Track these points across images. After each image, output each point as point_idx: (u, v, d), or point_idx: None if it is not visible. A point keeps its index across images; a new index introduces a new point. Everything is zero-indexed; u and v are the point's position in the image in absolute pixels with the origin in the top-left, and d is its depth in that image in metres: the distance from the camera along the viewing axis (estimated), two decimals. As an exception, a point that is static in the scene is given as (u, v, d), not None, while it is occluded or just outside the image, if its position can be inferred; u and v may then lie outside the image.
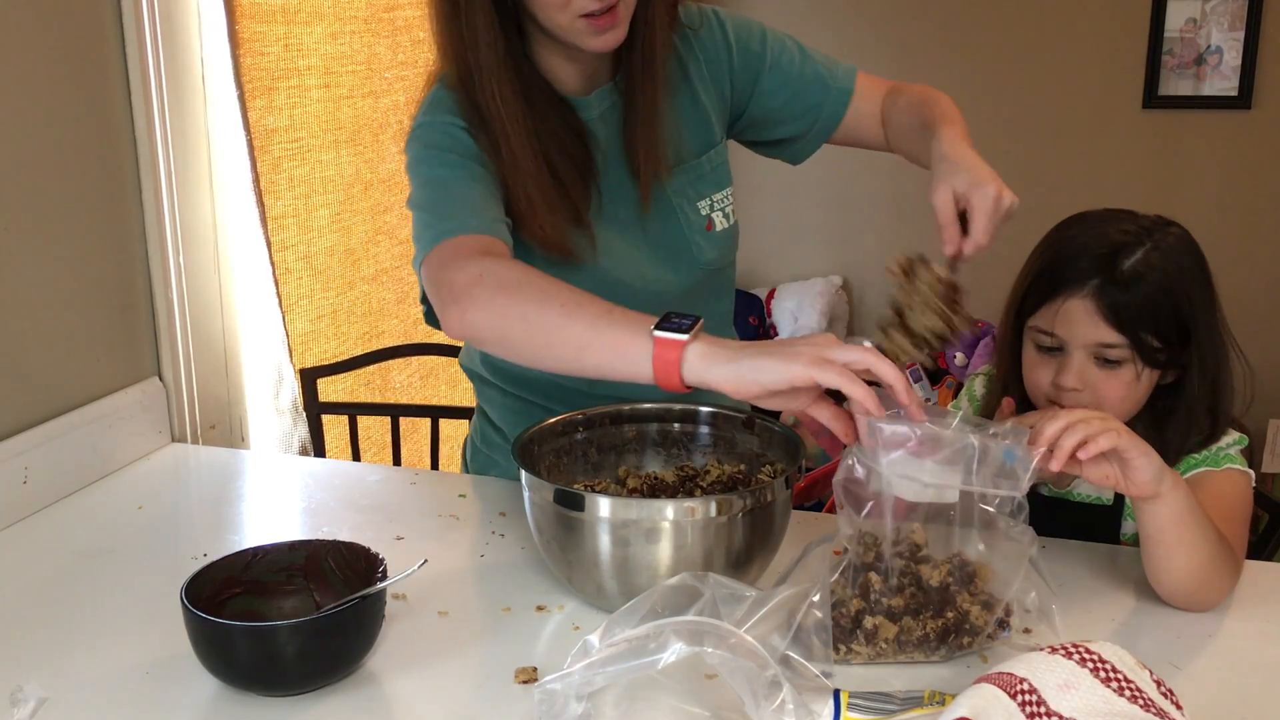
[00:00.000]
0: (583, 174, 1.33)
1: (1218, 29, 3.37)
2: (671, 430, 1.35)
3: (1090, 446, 1.07)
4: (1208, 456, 1.29)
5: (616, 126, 1.36)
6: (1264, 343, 3.36)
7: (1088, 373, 1.27)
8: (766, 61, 1.42)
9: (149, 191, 1.65)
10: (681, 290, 1.42)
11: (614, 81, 1.36)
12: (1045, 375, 1.30)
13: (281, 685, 1.03)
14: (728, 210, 1.44)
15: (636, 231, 1.38)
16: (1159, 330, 1.25)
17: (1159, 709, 0.89)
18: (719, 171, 1.43)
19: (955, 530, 1.08)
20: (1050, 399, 1.30)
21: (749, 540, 1.14)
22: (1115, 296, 1.24)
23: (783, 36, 1.45)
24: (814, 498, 2.67)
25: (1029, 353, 1.33)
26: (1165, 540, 1.14)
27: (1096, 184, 3.53)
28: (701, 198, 1.41)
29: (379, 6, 2.38)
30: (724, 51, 1.40)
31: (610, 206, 1.37)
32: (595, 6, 1.19)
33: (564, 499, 1.12)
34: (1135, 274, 1.24)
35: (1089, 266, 1.26)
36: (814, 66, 1.43)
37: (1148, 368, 1.27)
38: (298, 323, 2.20)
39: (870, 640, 1.06)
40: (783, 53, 1.43)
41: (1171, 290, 1.25)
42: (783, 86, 1.43)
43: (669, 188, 1.38)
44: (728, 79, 1.41)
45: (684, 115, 1.39)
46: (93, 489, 1.54)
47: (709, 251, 1.42)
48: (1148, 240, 1.27)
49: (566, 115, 1.33)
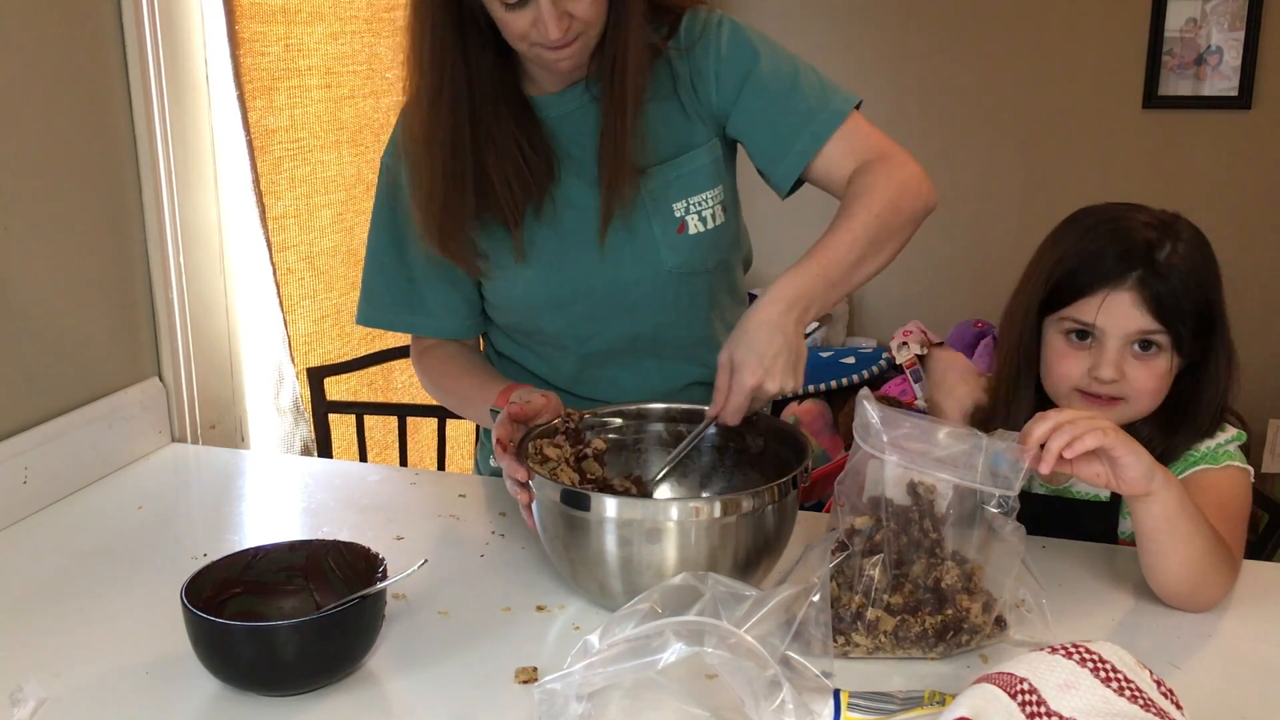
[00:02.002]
0: (524, 180, 1.34)
1: (1218, 29, 3.36)
2: (679, 430, 1.35)
3: (1076, 445, 1.08)
4: (1207, 453, 1.30)
5: (584, 126, 1.36)
6: (1264, 343, 3.36)
7: (1124, 362, 1.27)
8: (750, 81, 1.35)
9: (149, 191, 1.65)
10: (643, 293, 1.40)
11: (585, 82, 1.36)
12: (1076, 366, 1.30)
13: (281, 685, 1.03)
14: (707, 214, 1.38)
15: (594, 233, 1.37)
16: (1193, 319, 1.27)
17: (1159, 709, 0.89)
18: (702, 173, 1.38)
19: (951, 529, 1.09)
20: (1081, 389, 1.30)
21: (755, 541, 1.14)
22: (1157, 287, 1.25)
23: (784, 62, 1.37)
24: (814, 498, 2.67)
25: (1057, 345, 1.32)
26: (1160, 538, 1.14)
27: (1097, 184, 3.53)
28: (678, 198, 1.37)
29: (380, 6, 2.38)
30: (711, 61, 1.36)
31: (569, 208, 1.37)
32: (547, 43, 1.23)
33: (569, 499, 1.12)
34: (1171, 265, 1.26)
35: (1128, 259, 1.26)
36: (801, 100, 1.35)
37: (1179, 358, 1.28)
38: (301, 323, 2.20)
39: (870, 631, 1.07)
40: (773, 79, 1.35)
41: (1201, 281, 1.28)
42: (760, 111, 1.36)
43: (641, 187, 1.36)
44: (713, 87, 1.37)
45: (665, 115, 1.37)
46: (93, 489, 1.54)
47: (676, 255, 1.38)
48: (1171, 232, 1.28)
49: (524, 120, 1.34)
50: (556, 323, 1.42)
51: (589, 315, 1.41)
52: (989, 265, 3.53)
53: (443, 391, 1.48)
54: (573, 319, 1.42)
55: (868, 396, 1.10)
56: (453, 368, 1.46)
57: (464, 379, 1.44)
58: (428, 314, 1.46)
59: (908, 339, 3.78)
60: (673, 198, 1.37)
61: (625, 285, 1.39)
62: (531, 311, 1.42)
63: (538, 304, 1.41)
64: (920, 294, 3.55)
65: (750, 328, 1.20)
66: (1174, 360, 1.28)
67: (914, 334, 3.81)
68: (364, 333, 2.41)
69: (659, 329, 1.43)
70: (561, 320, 1.42)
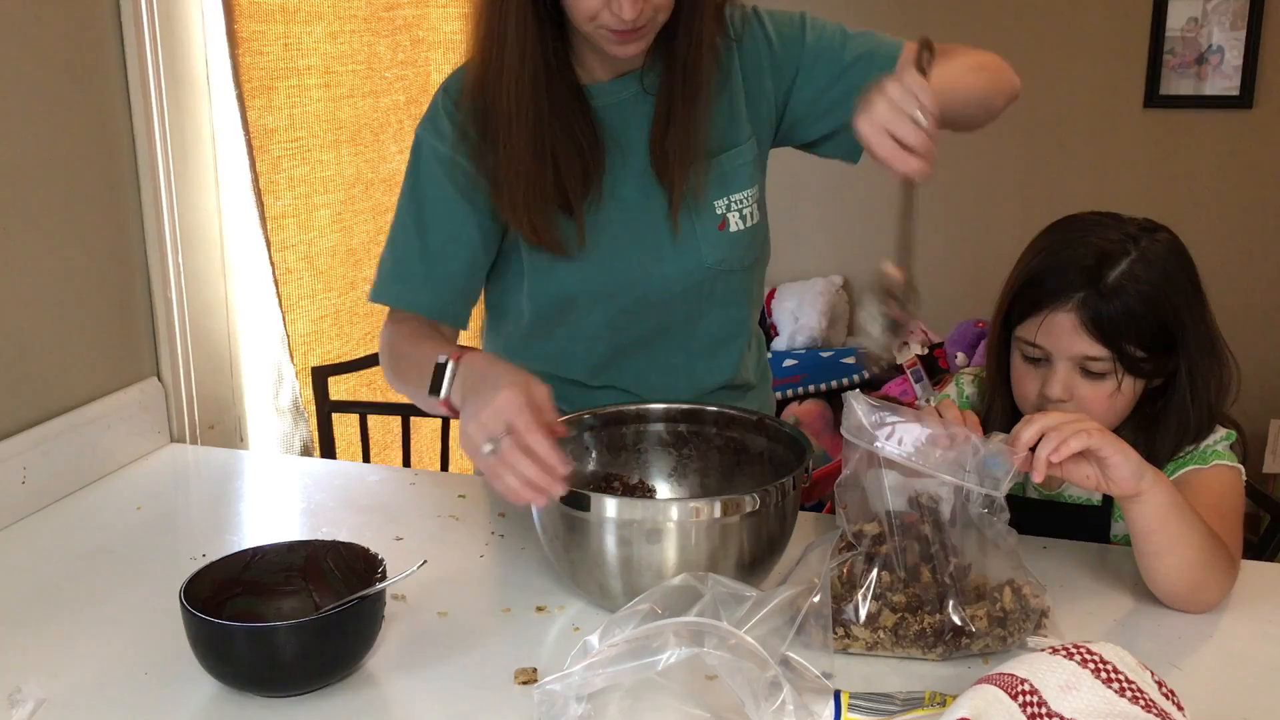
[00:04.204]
0: (584, 164, 1.33)
1: (1219, 28, 3.36)
2: (680, 430, 1.35)
3: (1061, 449, 1.09)
4: (1195, 455, 1.29)
5: (632, 118, 1.36)
6: (1264, 343, 3.36)
7: (1072, 384, 1.27)
8: (806, 45, 1.38)
9: (148, 191, 1.65)
10: (682, 289, 1.40)
11: (639, 72, 1.35)
12: (1032, 386, 1.30)
13: (281, 686, 1.03)
14: (746, 212, 1.41)
15: (640, 226, 1.37)
16: (1142, 340, 1.25)
17: (1160, 710, 0.88)
18: (742, 171, 1.40)
19: (947, 530, 1.09)
20: (1037, 408, 1.29)
21: (756, 542, 1.14)
22: (1099, 309, 1.23)
23: (825, 23, 1.41)
24: (814, 498, 2.67)
25: (1016, 362, 1.33)
26: (1154, 538, 1.14)
27: (1097, 184, 3.53)
28: (719, 196, 1.38)
29: (379, 6, 2.38)
30: (764, 46, 1.38)
31: (612, 200, 1.37)
32: (619, 25, 1.21)
33: (570, 499, 1.12)
34: (1119, 286, 1.24)
35: (1073, 279, 1.25)
36: (857, 48, 1.39)
37: (1131, 377, 1.26)
38: (300, 323, 2.19)
39: (870, 625, 1.07)
40: (824, 36, 1.39)
41: (1155, 300, 1.24)
42: (825, 70, 1.39)
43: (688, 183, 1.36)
44: (769, 75, 1.38)
45: (712, 111, 1.37)
46: (91, 489, 1.53)
47: (717, 252, 1.39)
48: (1133, 249, 1.26)
49: (581, 105, 1.33)
50: (594, 312, 1.41)
51: (626, 308, 1.41)
52: (989, 265, 3.52)
53: (394, 354, 1.37)
54: (611, 311, 1.41)
55: (856, 397, 1.10)
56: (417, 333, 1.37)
57: (424, 343, 1.33)
58: (430, 292, 1.39)
59: (908, 339, 3.77)
60: (716, 194, 1.38)
61: (666, 280, 1.39)
62: (569, 300, 1.41)
63: (578, 293, 1.40)
64: (920, 294, 3.55)
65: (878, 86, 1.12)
66: (1125, 380, 1.26)
67: (914, 334, 3.81)
68: (363, 333, 2.40)
69: (691, 324, 1.44)
70: (599, 311, 1.41)
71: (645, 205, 1.37)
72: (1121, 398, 1.27)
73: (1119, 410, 1.28)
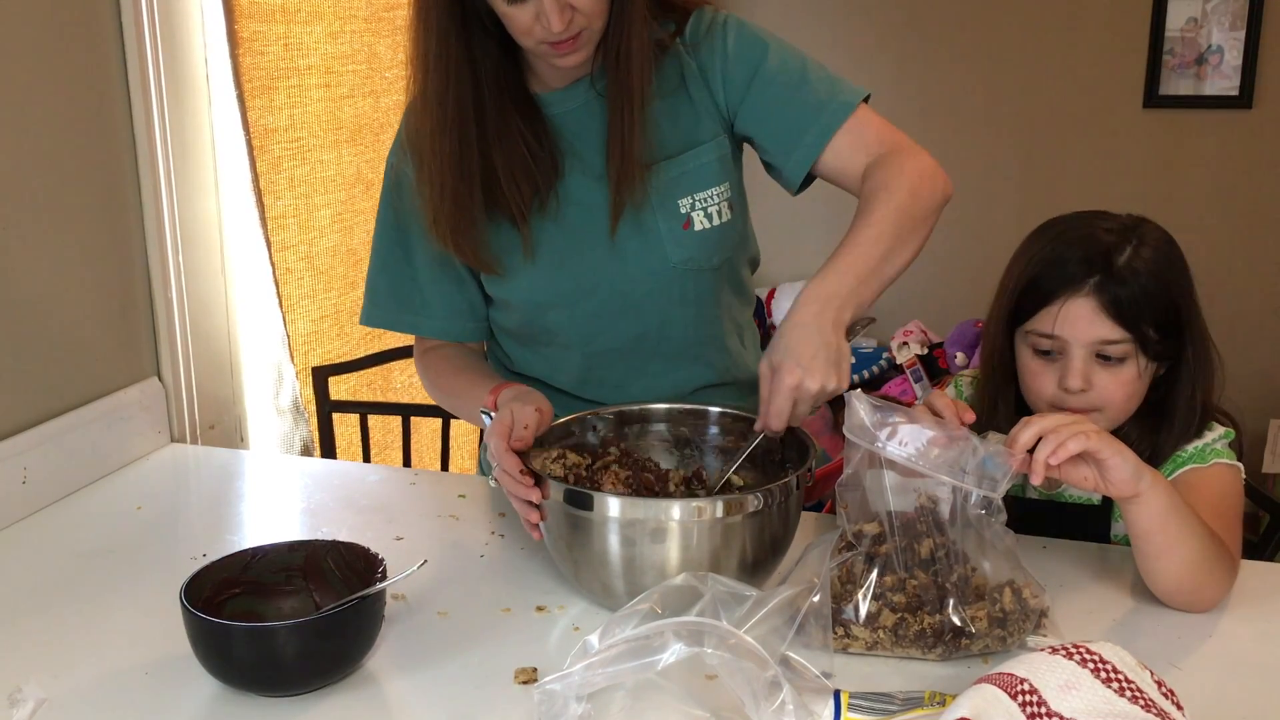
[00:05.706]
0: (530, 176, 1.34)
1: (1218, 28, 3.36)
2: (682, 431, 1.35)
3: (1060, 451, 1.09)
4: (1195, 453, 1.29)
5: (588, 122, 1.37)
6: (1263, 342, 3.36)
7: (1090, 372, 1.27)
8: (758, 77, 1.36)
9: (148, 191, 1.65)
10: (647, 290, 1.40)
11: (590, 78, 1.36)
12: (1048, 381, 1.30)
13: (281, 686, 1.03)
14: (713, 210, 1.39)
15: (597, 228, 1.37)
16: (1157, 321, 1.26)
17: (1160, 710, 0.88)
18: (707, 170, 1.38)
19: (947, 530, 1.09)
20: (1054, 403, 1.29)
21: (759, 541, 1.14)
22: (1115, 292, 1.25)
23: (792, 58, 1.37)
24: (815, 498, 2.66)
25: (1027, 360, 1.33)
26: (1154, 539, 1.14)
27: (1097, 184, 3.53)
28: (683, 195, 1.38)
29: (379, 6, 2.38)
30: (718, 58, 1.37)
31: (570, 204, 1.37)
32: (553, 39, 1.23)
33: (573, 498, 1.12)
34: (1131, 268, 1.25)
35: (1086, 265, 1.26)
36: (810, 93, 1.35)
37: (1148, 361, 1.27)
38: (300, 323, 2.19)
39: (870, 624, 1.07)
40: (781, 74, 1.35)
41: (1165, 282, 1.27)
42: (769, 105, 1.36)
43: (648, 183, 1.36)
44: (720, 84, 1.38)
45: (671, 111, 1.37)
46: (92, 489, 1.53)
47: (682, 250, 1.38)
48: (1133, 236, 1.28)
49: (530, 116, 1.35)
50: (563, 321, 1.42)
51: (595, 313, 1.41)
52: (989, 265, 3.52)
53: (439, 390, 1.48)
54: (579, 317, 1.41)
55: (857, 396, 1.11)
56: (449, 367, 1.46)
57: (459, 377, 1.44)
58: (430, 315, 1.46)
59: (908, 339, 3.78)
60: (678, 194, 1.37)
61: (631, 281, 1.39)
62: (538, 309, 1.42)
63: (544, 301, 1.41)
64: (920, 294, 3.55)
65: (785, 332, 1.19)
66: (1143, 365, 1.27)
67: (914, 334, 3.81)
68: (364, 332, 2.40)
69: (664, 327, 1.43)
70: (568, 318, 1.42)
71: (605, 208, 1.36)
72: (1140, 383, 1.28)
73: (1138, 397, 1.29)
